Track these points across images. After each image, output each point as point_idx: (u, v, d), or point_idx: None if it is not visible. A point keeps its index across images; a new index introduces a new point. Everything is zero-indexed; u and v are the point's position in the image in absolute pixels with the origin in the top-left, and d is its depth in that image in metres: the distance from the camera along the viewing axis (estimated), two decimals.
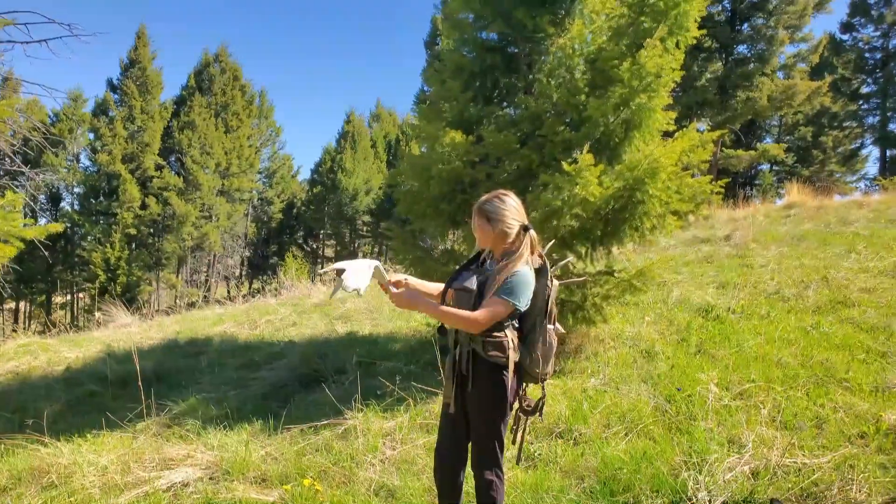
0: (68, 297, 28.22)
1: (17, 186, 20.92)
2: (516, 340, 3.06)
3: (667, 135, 6.68)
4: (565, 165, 5.45)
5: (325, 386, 6.02)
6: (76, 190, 28.54)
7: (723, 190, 6.94)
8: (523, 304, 2.93)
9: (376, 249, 38.39)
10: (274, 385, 6.20)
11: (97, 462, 4.31)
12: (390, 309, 9.61)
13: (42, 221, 27.82)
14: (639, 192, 5.83)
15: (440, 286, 3.24)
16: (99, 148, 26.85)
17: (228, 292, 33.54)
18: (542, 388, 3.26)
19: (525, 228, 3.05)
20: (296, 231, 39.06)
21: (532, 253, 3.07)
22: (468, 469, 3.16)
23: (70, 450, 4.36)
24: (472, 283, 3.06)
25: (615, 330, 6.95)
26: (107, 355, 7.24)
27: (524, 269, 2.97)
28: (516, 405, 3.16)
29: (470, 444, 3.14)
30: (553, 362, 3.21)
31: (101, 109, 28.08)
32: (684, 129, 6.31)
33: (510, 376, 3.00)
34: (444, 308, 2.89)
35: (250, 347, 7.66)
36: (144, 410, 5.16)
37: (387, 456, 4.56)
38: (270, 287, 15.47)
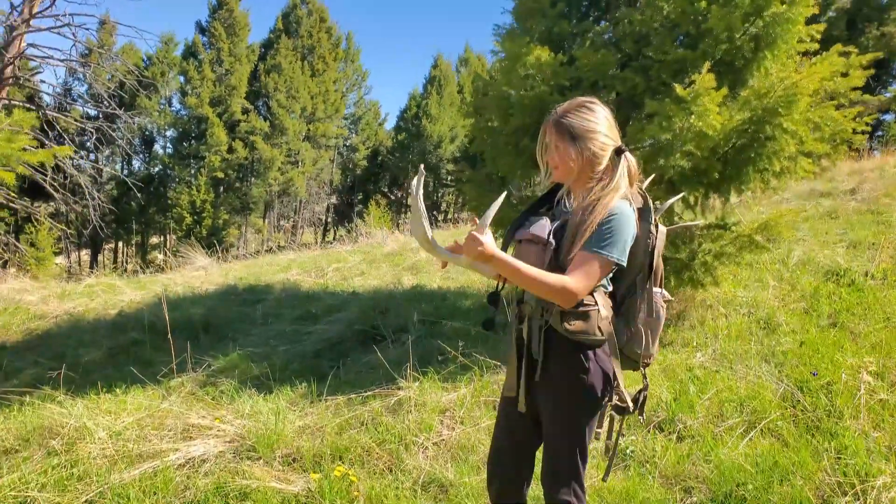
0: (161, 238, 29.22)
1: (113, 129, 21.41)
2: (609, 309, 2.17)
3: (804, 56, 5.37)
4: (678, 89, 4.34)
5: (383, 345, 5.32)
6: (168, 133, 29.18)
7: (869, 129, 5.58)
8: (626, 256, 2.06)
9: (460, 200, 37.59)
10: (328, 341, 5.56)
11: (112, 426, 3.78)
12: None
13: (136, 164, 28.72)
14: (769, 126, 4.64)
15: None
16: (189, 91, 27.15)
17: (316, 238, 33.86)
18: (644, 377, 2.36)
19: (619, 151, 2.15)
20: (380, 179, 38.77)
21: (630, 185, 2.16)
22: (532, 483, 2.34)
23: (83, 411, 3.84)
24: (544, 230, 2.16)
25: (725, 294, 5.84)
26: (161, 300, 6.86)
27: (623, 207, 2.07)
28: (607, 400, 2.26)
29: (540, 453, 2.30)
30: (659, 340, 2.30)
31: (190, 52, 28.29)
32: (823, 53, 5.01)
33: (602, 360, 2.12)
34: (529, 269, 2.00)
35: (311, 297, 7.09)
36: (175, 367, 4.62)
37: (442, 438, 3.80)
38: (347, 234, 15.01)
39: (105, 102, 20.02)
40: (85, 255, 28.38)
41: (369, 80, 56.91)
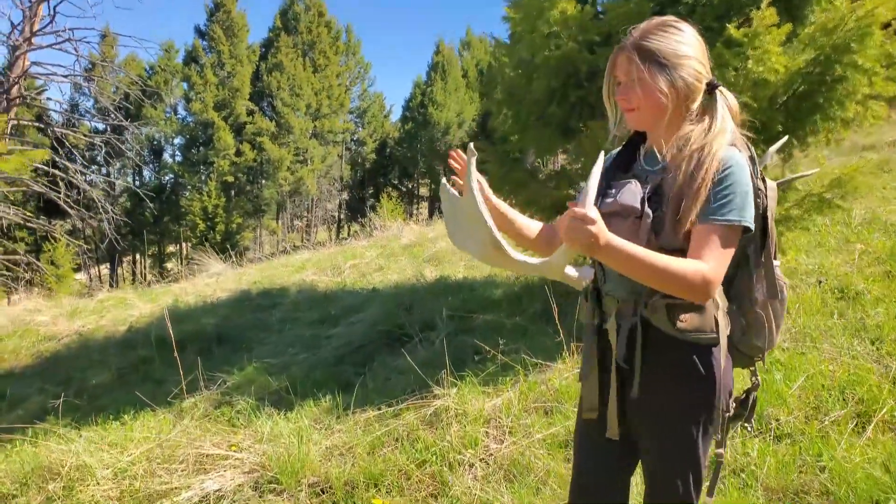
0: (178, 247, 28.96)
1: (121, 142, 21.08)
2: (723, 295, 1.66)
3: None
4: (732, 30, 3.74)
5: (411, 346, 4.79)
6: (176, 141, 28.84)
7: None
8: (753, 219, 1.54)
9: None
10: (350, 345, 5.05)
11: (116, 463, 3.29)
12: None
13: (146, 174, 28.41)
14: (839, 65, 4.02)
15: (534, 225, 1.82)
16: (193, 97, 26.75)
17: (330, 236, 33.48)
18: (754, 373, 1.83)
19: (712, 86, 1.64)
20: (390, 171, 38.23)
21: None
22: None
23: (84, 446, 3.35)
24: (636, 197, 1.61)
25: (788, 262, 5.23)
26: (171, 312, 6.41)
27: (736, 156, 1.56)
28: (726, 412, 1.71)
29: (637, 476, 1.78)
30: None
31: (191, 57, 27.87)
32: None
33: (720, 362, 1.61)
34: (653, 256, 1.45)
35: (329, 298, 6.58)
36: (186, 387, 4.13)
37: (490, 453, 3.26)
38: (361, 229, 14.53)
39: (112, 115, 19.70)
40: (105, 269, 28.23)
41: (372, 72, 56.29)
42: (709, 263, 1.46)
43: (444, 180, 1.61)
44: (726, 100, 1.66)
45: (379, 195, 32.62)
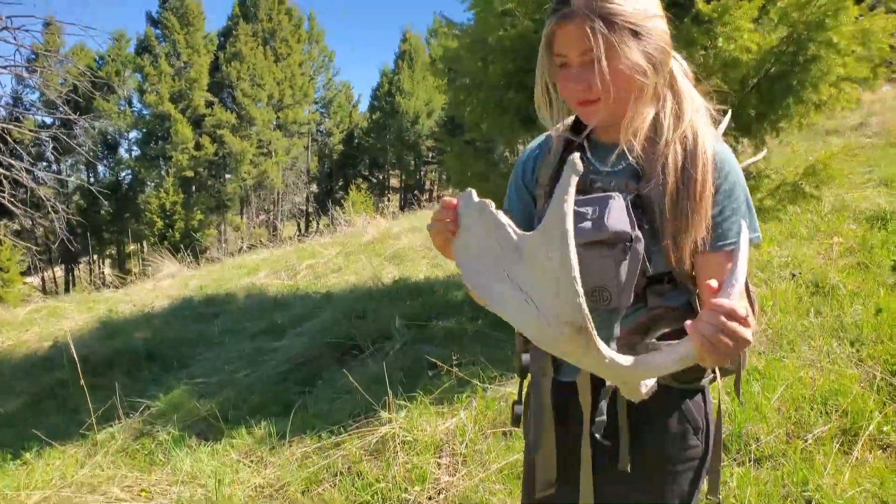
0: (138, 246, 28.06)
1: (71, 136, 20.13)
2: None
3: None
4: (701, 4, 3.39)
5: (361, 360, 4.40)
6: (131, 135, 27.85)
7: None
8: None
9: (444, 176, 36.49)
10: (295, 360, 4.64)
11: None
12: None
13: (101, 171, 27.40)
14: (813, 44, 3.70)
15: None
16: (147, 88, 25.78)
17: (299, 230, 32.78)
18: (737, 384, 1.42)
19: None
20: (359, 162, 37.55)
21: None
22: None
23: None
24: (625, 218, 1.20)
25: (760, 255, 4.94)
26: (102, 324, 5.91)
27: (727, 149, 1.25)
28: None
29: None
30: None
31: (144, 47, 26.82)
32: None
33: (710, 402, 1.35)
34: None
35: (279, 304, 6.15)
36: (103, 415, 3.68)
37: (441, 488, 2.90)
38: (326, 225, 14.02)
39: (60, 108, 18.78)
40: (60, 271, 27.21)
41: (337, 62, 55.32)
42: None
43: (472, 191, 1.10)
44: (681, 65, 1.29)
45: (348, 187, 32.06)
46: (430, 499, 2.82)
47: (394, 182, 38.55)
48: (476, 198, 1.07)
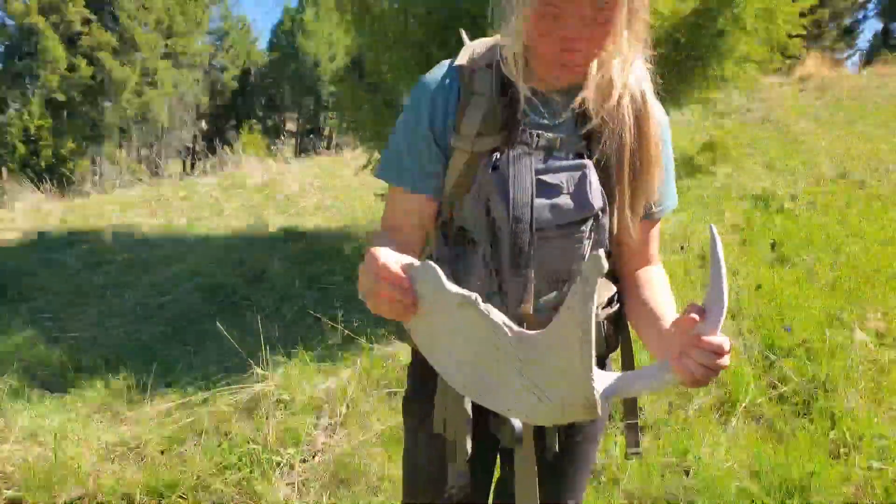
0: None
1: None
2: None
3: None
4: None
5: (239, 311, 4.08)
6: None
7: (804, 31, 4.79)
8: None
9: (344, 126, 35.35)
10: (165, 307, 4.25)
11: None
12: (348, 193, 7.55)
13: None
14: (721, 18, 3.70)
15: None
16: None
17: (185, 168, 30.81)
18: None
19: None
20: (254, 103, 35.62)
21: None
22: None
23: None
24: (598, 190, 1.09)
25: None
26: None
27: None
28: None
29: None
30: None
31: None
32: None
33: None
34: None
35: (151, 245, 5.63)
36: None
37: (318, 450, 2.71)
38: (213, 165, 13.18)
39: None
40: None
41: None
42: None
43: (436, 269, 0.88)
44: None
45: (240, 127, 30.39)
46: (304, 461, 2.63)
47: (290, 126, 37.00)
48: (448, 283, 0.86)
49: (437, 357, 0.94)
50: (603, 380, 0.89)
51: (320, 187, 7.93)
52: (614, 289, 1.19)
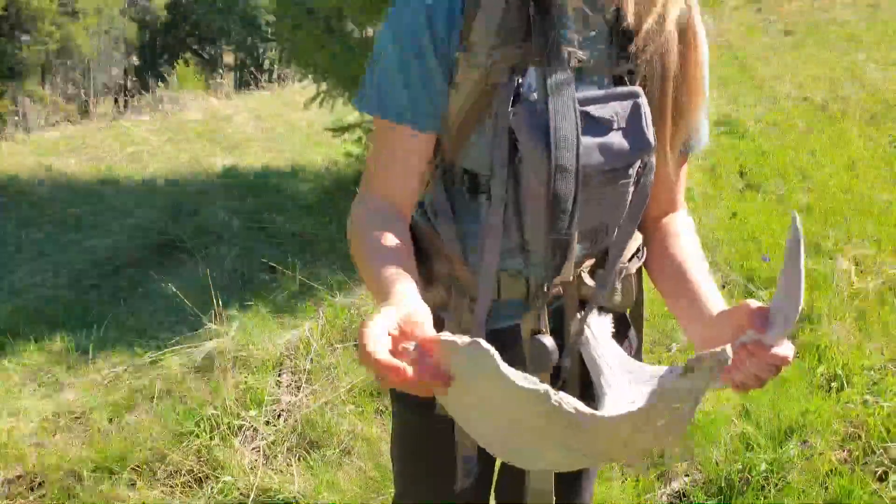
0: None
1: None
2: None
3: None
4: None
5: (188, 263, 3.79)
6: None
7: None
8: None
9: (284, 55, 33.79)
10: (105, 262, 3.92)
11: None
12: (297, 129, 7.14)
13: None
14: None
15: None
16: None
17: (119, 107, 29.12)
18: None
19: None
20: (187, 35, 33.63)
21: None
22: None
23: None
24: (647, 126, 0.87)
25: None
26: None
27: None
28: None
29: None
30: None
31: None
32: None
33: None
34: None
35: (85, 193, 5.19)
36: None
37: (282, 410, 2.53)
38: (145, 101, 12.39)
39: None
40: None
41: None
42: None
43: (488, 348, 0.61)
44: None
45: (174, 62, 28.73)
46: (268, 423, 2.44)
47: (229, 59, 35.19)
48: (511, 374, 0.61)
49: (467, 420, 0.74)
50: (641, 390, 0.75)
51: (265, 124, 7.48)
52: (640, 237, 1.01)
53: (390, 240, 0.83)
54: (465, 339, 0.60)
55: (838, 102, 5.93)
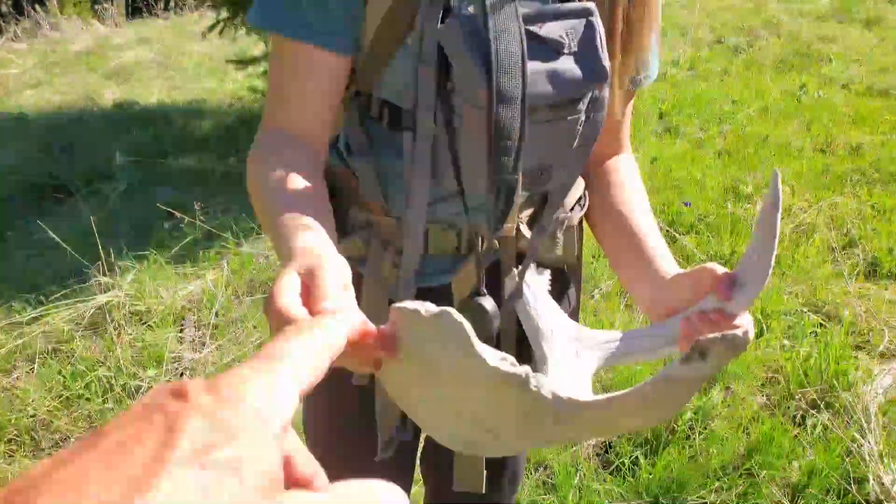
0: None
1: None
2: None
3: None
4: None
5: (71, 206, 3.40)
6: None
7: None
8: None
9: None
10: None
11: None
12: (195, 61, 6.57)
13: None
14: None
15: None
16: None
17: None
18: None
19: None
20: None
21: None
22: None
23: None
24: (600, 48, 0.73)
25: None
26: None
27: None
28: None
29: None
30: None
31: None
32: None
33: None
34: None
35: None
36: None
37: (185, 366, 2.32)
38: (22, 27, 11.15)
39: None
40: None
41: None
42: None
43: (457, 318, 0.46)
44: None
45: None
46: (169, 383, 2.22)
47: None
48: (484, 351, 0.47)
49: (409, 401, 0.59)
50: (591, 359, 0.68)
51: (160, 56, 6.84)
52: (583, 184, 0.91)
53: (296, 181, 0.66)
54: (431, 307, 0.46)
55: (751, 46, 6.05)
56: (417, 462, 1.12)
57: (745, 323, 0.65)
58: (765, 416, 1.87)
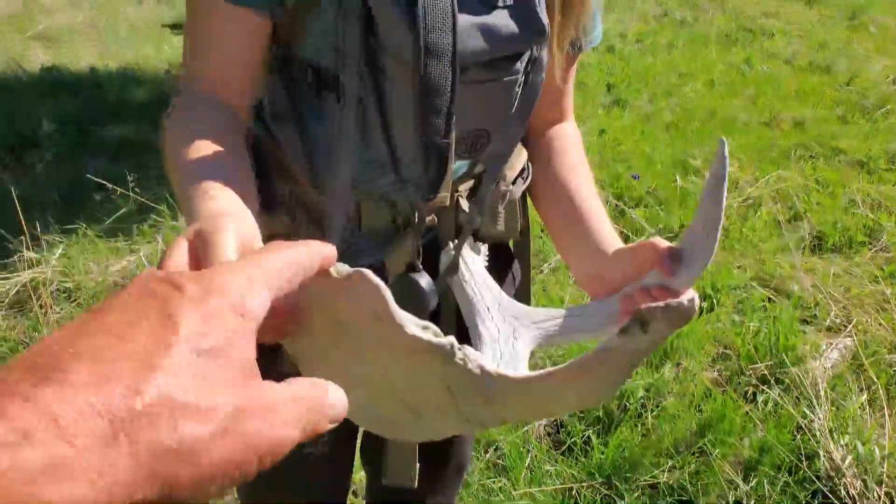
0: None
1: None
2: None
3: None
4: None
5: None
6: None
7: None
8: None
9: None
10: None
11: None
12: (130, 25, 6.23)
13: None
14: None
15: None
16: None
17: None
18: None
19: None
20: None
21: None
22: None
23: None
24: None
25: None
26: None
27: None
28: None
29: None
30: None
31: None
32: None
33: None
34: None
35: None
36: None
37: None
38: None
39: None
40: None
41: None
42: None
43: (376, 281, 0.39)
44: None
45: None
46: None
47: None
48: (405, 319, 0.42)
49: (318, 373, 0.52)
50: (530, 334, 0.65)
51: (92, 19, 6.47)
52: (525, 154, 0.86)
53: (205, 147, 0.59)
54: (343, 267, 0.40)
55: (697, 19, 6.09)
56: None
57: (687, 300, 0.61)
58: (716, 393, 1.88)
